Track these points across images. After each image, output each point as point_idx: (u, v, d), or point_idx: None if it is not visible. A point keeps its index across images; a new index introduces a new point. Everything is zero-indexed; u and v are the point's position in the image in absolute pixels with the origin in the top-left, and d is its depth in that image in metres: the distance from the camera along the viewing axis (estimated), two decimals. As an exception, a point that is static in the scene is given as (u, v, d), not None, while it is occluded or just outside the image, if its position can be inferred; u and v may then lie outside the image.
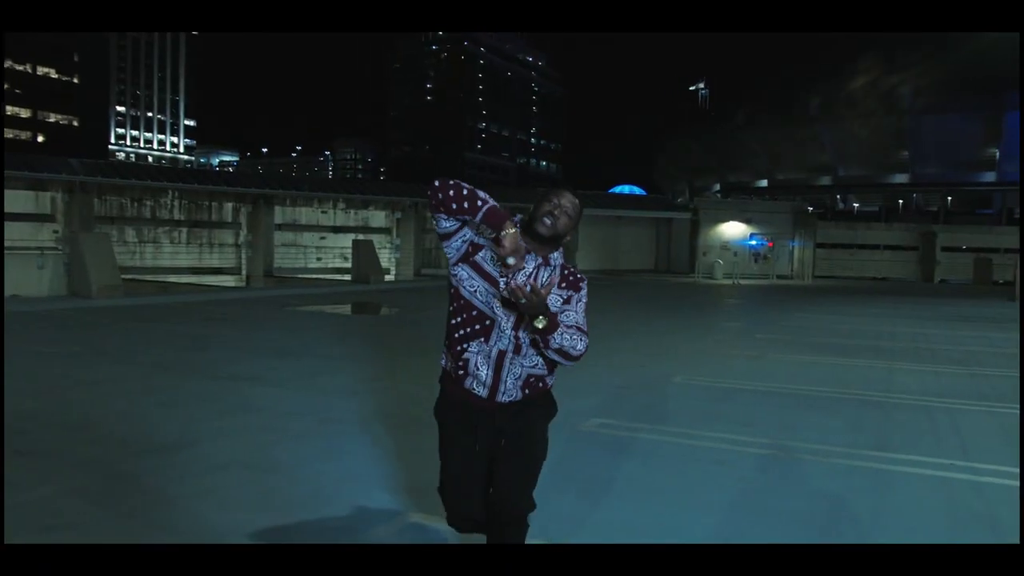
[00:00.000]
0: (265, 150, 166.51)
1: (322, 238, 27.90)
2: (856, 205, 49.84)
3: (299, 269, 26.50)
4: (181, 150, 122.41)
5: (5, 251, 17.73)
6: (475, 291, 2.73)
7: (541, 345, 2.68)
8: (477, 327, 2.75)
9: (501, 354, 2.75)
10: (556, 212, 2.71)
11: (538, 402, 2.87)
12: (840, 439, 6.06)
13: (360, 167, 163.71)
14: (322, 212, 28.05)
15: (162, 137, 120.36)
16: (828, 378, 8.83)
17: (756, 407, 7.27)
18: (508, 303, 2.69)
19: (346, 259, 26.46)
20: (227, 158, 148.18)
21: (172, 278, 22.47)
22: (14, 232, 20.75)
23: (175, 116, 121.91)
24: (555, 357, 2.70)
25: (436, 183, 2.65)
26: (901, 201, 48.27)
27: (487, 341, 2.75)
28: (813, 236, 35.29)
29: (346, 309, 16.43)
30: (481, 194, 2.65)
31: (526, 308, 2.55)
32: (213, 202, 25.68)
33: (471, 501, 2.87)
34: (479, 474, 2.86)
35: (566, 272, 2.83)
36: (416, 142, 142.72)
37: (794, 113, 47.86)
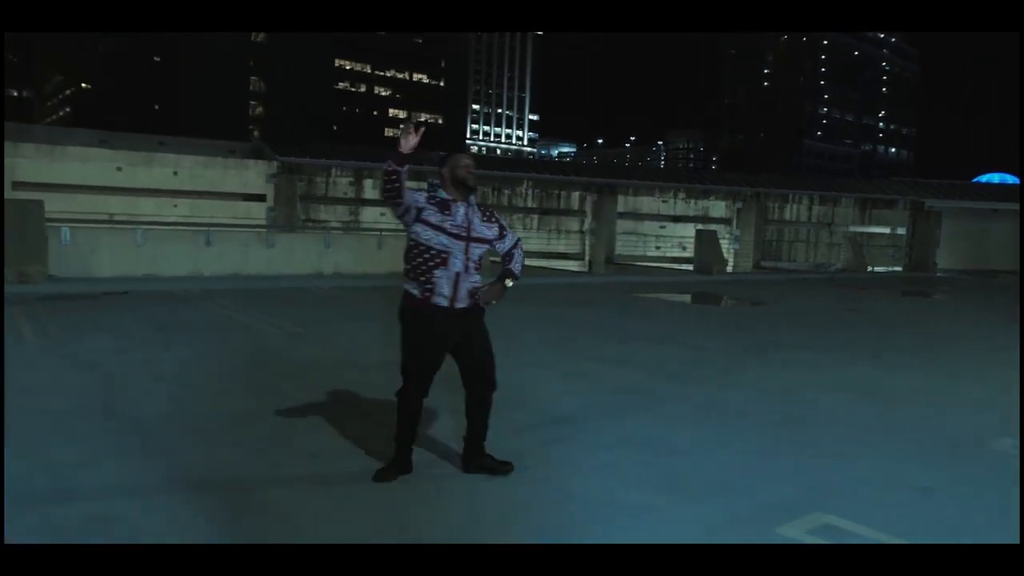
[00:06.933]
0: (600, 141, 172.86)
1: (661, 227, 28.29)
2: None
3: (638, 257, 27.15)
4: (525, 143, 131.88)
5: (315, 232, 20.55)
6: (429, 239, 4.17)
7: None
8: (438, 260, 4.19)
9: (457, 275, 4.20)
10: (472, 170, 4.26)
11: (476, 310, 4.30)
12: None
13: (692, 156, 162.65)
14: (662, 202, 28.43)
15: (509, 131, 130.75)
16: None
17: None
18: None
19: (684, 248, 26.54)
20: (565, 149, 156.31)
21: (523, 262, 24.31)
22: (366, 216, 24.13)
23: (520, 111, 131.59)
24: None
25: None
26: None
27: (446, 267, 4.18)
28: None
29: (699, 299, 16.50)
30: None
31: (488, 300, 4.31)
32: (561, 191, 27.31)
33: (431, 376, 4.35)
34: (440, 359, 4.34)
35: (484, 213, 4.34)
36: (751, 130, 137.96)
37: None
